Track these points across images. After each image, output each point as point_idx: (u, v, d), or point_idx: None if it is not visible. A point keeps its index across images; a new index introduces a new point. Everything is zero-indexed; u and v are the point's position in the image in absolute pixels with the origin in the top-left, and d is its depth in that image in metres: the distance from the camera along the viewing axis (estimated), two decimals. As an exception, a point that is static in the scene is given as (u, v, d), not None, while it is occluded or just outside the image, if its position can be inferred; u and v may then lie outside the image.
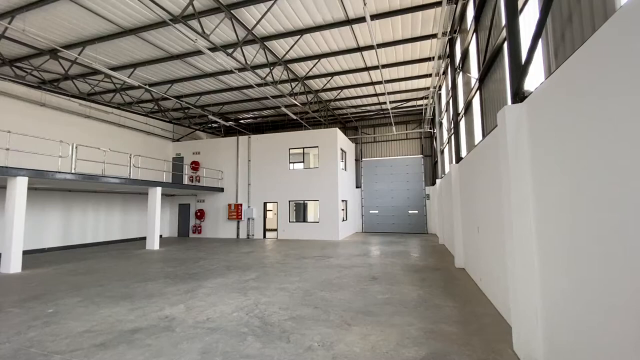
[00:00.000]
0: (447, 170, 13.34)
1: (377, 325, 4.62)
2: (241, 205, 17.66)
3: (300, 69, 12.63)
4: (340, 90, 15.14)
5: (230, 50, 10.09)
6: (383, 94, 15.76)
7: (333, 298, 6.00)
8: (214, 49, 10.52)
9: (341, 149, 17.17)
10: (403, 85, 14.93)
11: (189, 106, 16.27)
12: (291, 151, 17.34)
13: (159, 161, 18.23)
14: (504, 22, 5.13)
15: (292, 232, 16.67)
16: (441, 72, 12.74)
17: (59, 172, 10.14)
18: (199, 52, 11.06)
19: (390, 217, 19.34)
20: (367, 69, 12.77)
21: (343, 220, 16.91)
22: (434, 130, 17.98)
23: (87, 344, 4.12)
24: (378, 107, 18.27)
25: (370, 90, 15.41)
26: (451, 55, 10.40)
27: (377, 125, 20.36)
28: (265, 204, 17.57)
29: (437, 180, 15.15)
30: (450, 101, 11.04)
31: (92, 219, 15.06)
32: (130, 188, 13.97)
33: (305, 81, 13.68)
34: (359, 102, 17.26)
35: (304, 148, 17.15)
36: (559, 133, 2.87)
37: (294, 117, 15.77)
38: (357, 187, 20.21)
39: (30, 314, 5.35)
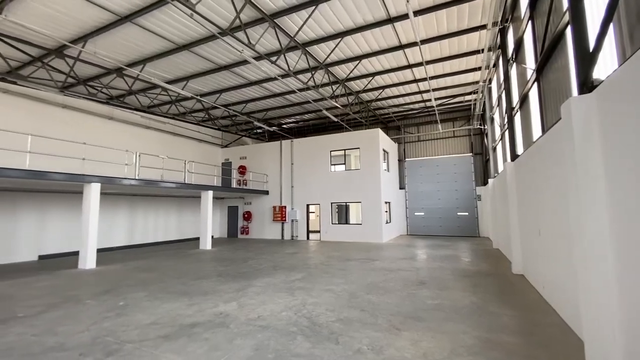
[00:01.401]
0: (500, 168, 12.47)
1: (427, 331, 4.46)
2: (285, 207, 18.12)
3: (341, 71, 12.67)
4: (381, 90, 14.90)
5: (274, 58, 10.44)
6: (427, 91, 15.21)
7: (380, 301, 5.90)
8: (258, 57, 10.97)
9: (383, 150, 16.86)
10: (449, 81, 14.27)
11: (236, 114, 17.12)
12: (332, 153, 17.42)
13: (209, 166, 19.42)
14: (565, 5, 4.69)
15: (334, 233, 16.71)
16: (491, 64, 11.97)
17: (125, 178, 11.25)
18: (244, 62, 11.60)
19: (437, 219, 18.53)
20: (409, 66, 12.43)
21: (387, 223, 16.57)
22: (484, 126, 16.92)
23: (153, 335, 4.51)
24: (422, 104, 17.66)
25: (413, 88, 14.96)
26: (503, 46, 9.73)
27: (421, 123, 19.67)
28: (307, 205, 17.84)
29: (490, 180, 14.22)
30: (503, 95, 10.32)
31: (153, 221, 16.46)
32: (185, 192, 15.05)
33: (345, 83, 13.69)
34: (401, 100, 16.83)
35: (345, 150, 17.14)
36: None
37: (335, 119, 15.85)
38: (400, 188, 19.69)
39: (104, 306, 5.99)
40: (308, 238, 17.57)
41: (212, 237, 19.80)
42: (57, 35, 9.29)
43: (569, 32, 4.69)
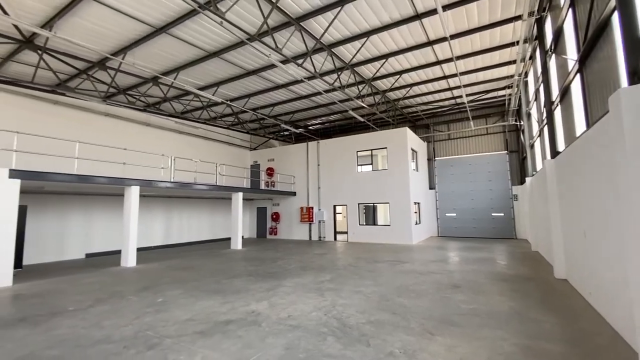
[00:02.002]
0: (539, 166, 11.78)
1: (463, 337, 4.29)
2: (312, 208, 18.23)
3: (367, 70, 12.56)
4: (409, 88, 14.59)
5: (300, 61, 10.56)
6: (458, 87, 14.69)
7: (411, 305, 5.77)
8: (285, 61, 11.14)
9: (412, 149, 16.50)
10: (481, 76, 13.70)
11: (263, 117, 17.50)
12: (359, 154, 17.29)
13: (239, 169, 20.00)
14: (612, -11, 4.35)
15: (362, 235, 16.56)
16: (527, 57, 11.34)
17: (162, 181, 11.86)
18: (271, 66, 11.83)
19: (470, 220, 17.82)
20: (438, 62, 12.07)
21: (416, 224, 16.18)
22: (520, 122, 16.07)
23: (190, 330, 4.70)
24: (452, 101, 17.08)
25: (442, 84, 14.52)
26: (540, 36, 9.19)
27: (452, 121, 19.02)
28: (334, 206, 17.83)
29: (527, 179, 13.47)
30: (541, 88, 9.75)
31: (187, 222, 17.19)
32: (216, 193, 15.58)
33: (372, 82, 13.55)
34: (430, 98, 16.39)
35: (371, 150, 16.96)
36: None
37: (361, 119, 15.73)
38: (430, 188, 19.15)
39: (144, 302, 6.33)
40: (335, 239, 17.56)
41: (242, 237, 20.33)
42: (100, 49, 9.98)
43: (615, 18, 4.35)
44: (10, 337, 4.57)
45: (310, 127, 21.91)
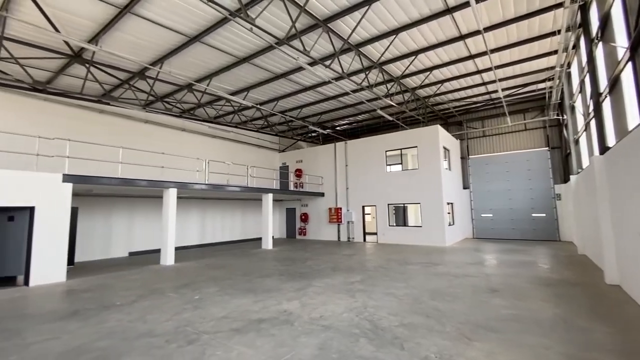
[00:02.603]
0: (585, 163, 10.96)
1: (503, 343, 4.09)
2: (340, 209, 18.18)
3: (396, 68, 12.34)
4: (440, 85, 14.15)
5: (327, 62, 10.60)
6: (493, 82, 14.02)
7: (446, 308, 5.58)
8: (313, 63, 11.23)
9: (444, 147, 15.97)
10: (518, 69, 12.97)
11: (291, 119, 17.75)
12: (388, 153, 17.01)
13: (268, 170, 20.44)
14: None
15: (392, 236, 16.27)
16: (570, 46, 10.58)
17: (197, 183, 12.39)
18: (299, 69, 11.97)
19: (508, 221, 16.92)
20: (471, 57, 11.59)
21: (449, 225, 15.63)
22: (563, 116, 15.03)
23: (226, 327, 4.87)
24: (486, 97, 16.33)
25: (476, 79, 13.92)
26: (584, 24, 8.54)
27: (486, 117, 18.18)
28: (363, 207, 17.66)
29: (572, 177, 12.56)
30: (587, 79, 9.06)
31: (220, 222, 17.83)
32: (247, 195, 16.01)
33: (401, 80, 13.29)
34: (462, 94, 15.78)
35: (401, 149, 16.61)
36: None
37: (390, 118, 15.47)
38: (464, 188, 18.41)
39: (183, 298, 6.64)
40: (365, 240, 17.39)
41: (273, 237, 20.72)
42: (140, 60, 10.62)
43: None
44: (65, 329, 4.97)
45: (338, 128, 21.90)
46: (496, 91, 15.19)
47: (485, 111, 18.24)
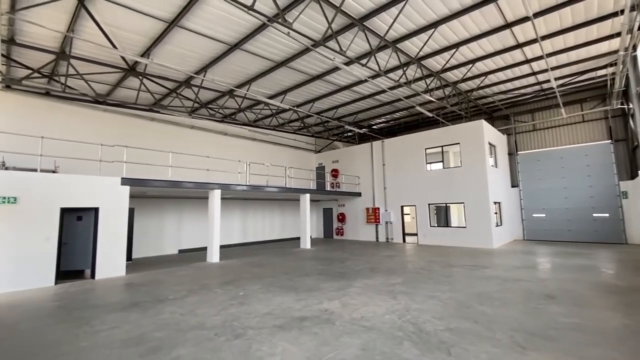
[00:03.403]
0: (657, 157, 9.72)
1: (562, 355, 3.77)
2: (378, 209, 17.90)
3: (435, 62, 11.89)
4: (484, 77, 13.38)
5: (364, 61, 10.50)
6: (544, 71, 12.96)
7: (496, 314, 5.26)
8: (349, 62, 11.20)
9: (489, 143, 15.08)
10: (573, 56, 11.86)
11: (327, 120, 17.84)
12: (428, 151, 16.44)
13: (305, 171, 20.73)
14: None
15: (433, 237, 15.68)
16: (636, 27, 9.45)
17: (239, 184, 12.91)
18: (335, 69, 11.99)
19: (563, 222, 15.55)
20: (519, 46, 10.82)
21: (497, 226, 14.71)
22: (628, 105, 13.49)
23: (269, 324, 5.02)
24: (537, 87, 15.14)
25: (524, 69, 12.96)
26: (655, -1, 7.59)
27: (537, 109, 16.86)
28: (402, 207, 17.23)
29: (640, 172, 11.23)
30: (659, 62, 8.04)
31: (260, 222, 18.42)
32: (285, 195, 16.36)
33: (441, 75, 12.78)
34: (509, 85, 14.77)
35: (442, 146, 15.96)
36: None
37: (430, 114, 14.93)
38: (513, 186, 17.23)
39: (228, 294, 6.95)
40: (404, 241, 16.95)
41: (311, 237, 20.98)
42: (186, 69, 11.31)
43: None
44: (127, 319, 5.44)
45: (374, 127, 21.60)
46: (548, 81, 14.02)
47: (536, 103, 16.93)
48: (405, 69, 11.40)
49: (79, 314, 5.76)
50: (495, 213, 15.06)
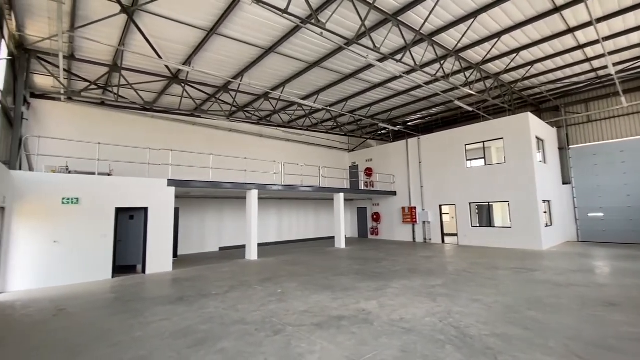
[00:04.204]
0: None
1: (630, 368, 3.41)
2: (415, 208, 17.41)
3: (475, 54, 11.30)
4: (529, 67, 12.48)
5: (398, 57, 10.27)
6: (601, 56, 11.81)
7: (548, 320, 4.90)
8: (382, 59, 11.02)
9: (536, 137, 14.05)
10: (635, 38, 10.67)
11: (360, 118, 17.67)
12: (468, 147, 15.69)
13: (338, 170, 20.72)
14: None
15: (475, 237, 14.93)
16: None
17: (274, 184, 13.22)
18: (368, 67, 11.85)
19: (625, 222, 14.07)
20: (570, 30, 9.95)
21: (546, 226, 13.68)
22: None
23: (307, 321, 5.09)
24: (591, 75, 13.83)
25: (577, 56, 11.90)
26: None
27: (591, 99, 15.41)
28: (440, 206, 16.60)
29: None
30: None
31: (295, 221, 18.72)
32: (319, 195, 16.48)
33: (481, 67, 12.12)
34: (559, 74, 13.63)
35: (483, 142, 15.14)
36: None
37: (469, 109, 14.21)
38: (564, 183, 15.91)
39: (267, 291, 7.15)
40: (443, 242, 16.32)
41: (345, 236, 20.94)
42: (224, 75, 11.79)
43: None
44: (174, 312, 5.80)
45: (409, 123, 21.02)
46: (605, 67, 12.76)
47: (590, 92, 15.48)
48: (442, 62, 10.98)
49: (133, 306, 6.24)
50: (545, 212, 14.01)
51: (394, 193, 18.69)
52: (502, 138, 14.37)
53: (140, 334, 4.76)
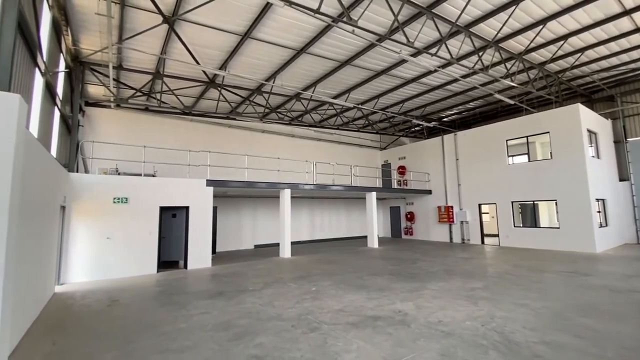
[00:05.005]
0: None
1: None
2: (452, 207, 16.74)
3: (517, 43, 10.62)
4: (579, 54, 11.50)
5: (433, 51, 9.93)
6: (663, 40, 10.62)
7: (604, 329, 4.50)
8: (416, 53, 10.72)
9: (588, 130, 12.94)
10: None
11: (393, 115, 17.32)
12: (509, 142, 14.81)
13: (370, 169, 20.47)
14: None
15: (518, 238, 14.06)
16: None
17: (306, 184, 13.36)
18: (401, 62, 11.57)
19: (697, 222, 12.55)
20: (626, 12, 9.03)
21: (600, 227, 12.55)
22: None
23: (343, 320, 5.09)
24: (653, 60, 12.47)
25: (634, 40, 10.77)
26: None
27: (653, 87, 13.90)
28: (480, 205, 15.83)
29: None
30: None
31: (327, 220, 18.78)
32: (351, 194, 16.40)
33: (524, 56, 11.38)
34: (614, 60, 12.42)
35: (527, 137, 14.21)
36: None
37: (511, 102, 13.39)
38: (621, 179, 14.51)
39: (302, 289, 7.24)
40: (483, 242, 15.55)
41: (377, 236, 20.65)
42: (257, 77, 12.10)
43: None
44: (215, 306, 6.06)
45: (445, 119, 20.25)
46: (671, 50, 11.44)
47: (653, 78, 13.96)
48: (480, 54, 10.46)
49: (176, 299, 6.61)
50: (599, 212, 12.87)
51: (429, 192, 18.12)
52: (548, 132, 13.40)
53: (184, 325, 5.03)
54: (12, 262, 3.28)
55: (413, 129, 21.48)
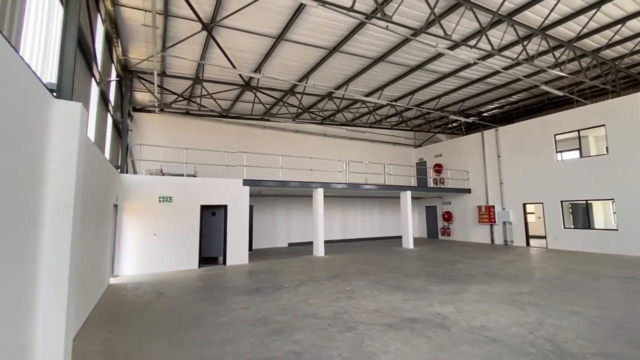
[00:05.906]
0: None
1: None
2: (493, 207, 15.87)
3: (567, 30, 9.80)
4: (639, 39, 10.39)
5: (472, 42, 9.47)
6: None
7: (677, 343, 4.03)
8: (454, 46, 10.29)
9: (652, 122, 11.65)
10: None
11: (428, 111, 16.76)
12: (558, 137, 13.74)
13: (404, 167, 19.98)
14: None
15: (568, 240, 13.01)
16: None
17: (339, 183, 13.35)
18: (437, 56, 11.15)
19: None
20: (702, -13, 8.01)
21: (667, 228, 11.26)
22: None
23: (379, 321, 5.02)
24: None
25: None
26: None
27: None
28: (524, 205, 14.85)
29: None
30: None
31: (360, 219, 18.63)
32: (385, 193, 16.14)
33: (575, 44, 10.48)
34: (684, 44, 11.07)
35: (578, 131, 13.10)
36: None
37: (559, 93, 12.39)
38: (693, 176, 12.89)
39: (336, 288, 7.25)
40: (528, 244, 14.59)
41: (413, 236, 20.13)
42: (290, 79, 12.28)
43: None
44: (252, 302, 6.25)
45: (485, 114, 19.21)
46: None
47: None
48: (525, 43, 9.79)
49: (217, 294, 6.91)
50: (666, 212, 11.53)
51: (468, 191, 17.33)
52: (603, 125, 12.26)
53: (225, 319, 5.25)
54: (76, 260, 3.61)
55: (450, 125, 20.62)
